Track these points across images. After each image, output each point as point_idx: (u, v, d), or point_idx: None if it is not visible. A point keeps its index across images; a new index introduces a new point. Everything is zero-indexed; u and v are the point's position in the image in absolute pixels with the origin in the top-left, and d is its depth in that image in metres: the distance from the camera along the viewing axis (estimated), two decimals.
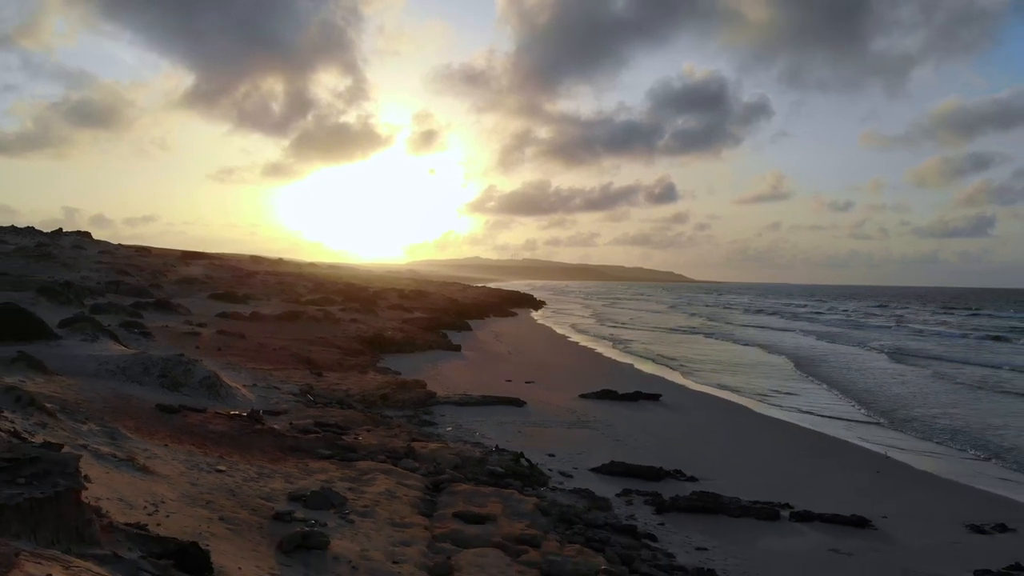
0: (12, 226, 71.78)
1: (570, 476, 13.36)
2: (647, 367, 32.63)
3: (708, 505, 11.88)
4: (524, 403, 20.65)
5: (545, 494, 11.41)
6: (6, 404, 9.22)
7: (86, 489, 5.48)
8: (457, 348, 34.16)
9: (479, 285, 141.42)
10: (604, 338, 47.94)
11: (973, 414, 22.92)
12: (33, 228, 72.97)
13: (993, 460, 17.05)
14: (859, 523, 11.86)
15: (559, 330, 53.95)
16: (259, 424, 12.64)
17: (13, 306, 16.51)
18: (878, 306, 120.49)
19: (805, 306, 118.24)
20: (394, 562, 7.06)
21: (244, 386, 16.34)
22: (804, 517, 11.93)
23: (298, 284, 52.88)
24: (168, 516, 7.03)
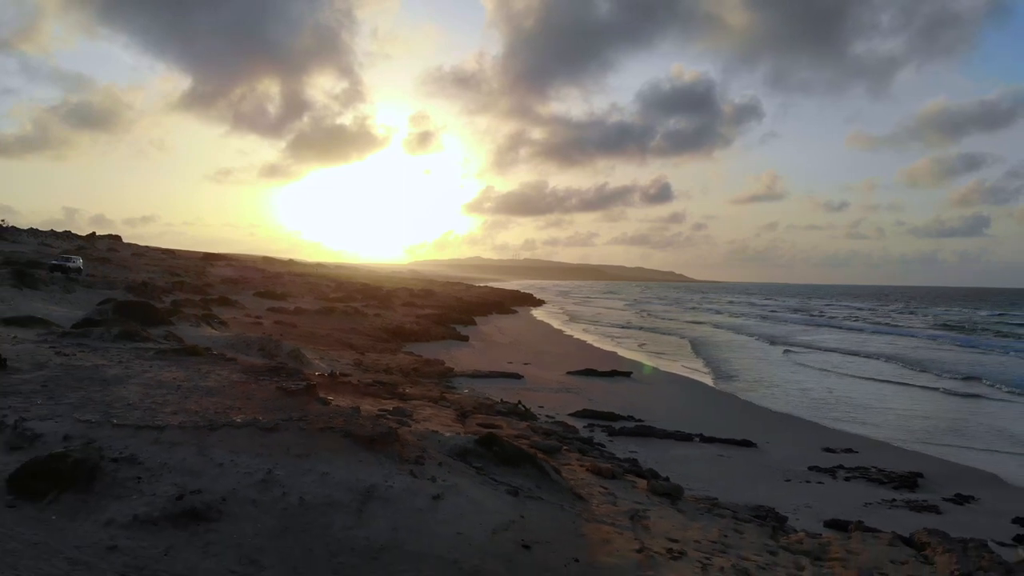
0: (52, 230, 77.64)
1: (552, 417, 19.10)
2: (624, 353, 38.55)
3: (643, 432, 17.66)
4: (522, 377, 26.41)
5: (534, 422, 17.14)
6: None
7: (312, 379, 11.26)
8: (465, 339, 39.94)
9: (481, 285, 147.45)
10: (592, 333, 53.79)
11: (795, 385, 29.36)
12: (70, 232, 78.83)
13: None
14: (746, 444, 17.63)
15: (556, 325, 59.76)
16: (339, 379, 18.36)
17: (145, 301, 22.23)
18: (829, 303, 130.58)
19: (754, 304, 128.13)
20: (447, 434, 12.80)
21: (314, 359, 22.09)
22: (709, 440, 17.69)
23: (321, 284, 58.78)
24: None
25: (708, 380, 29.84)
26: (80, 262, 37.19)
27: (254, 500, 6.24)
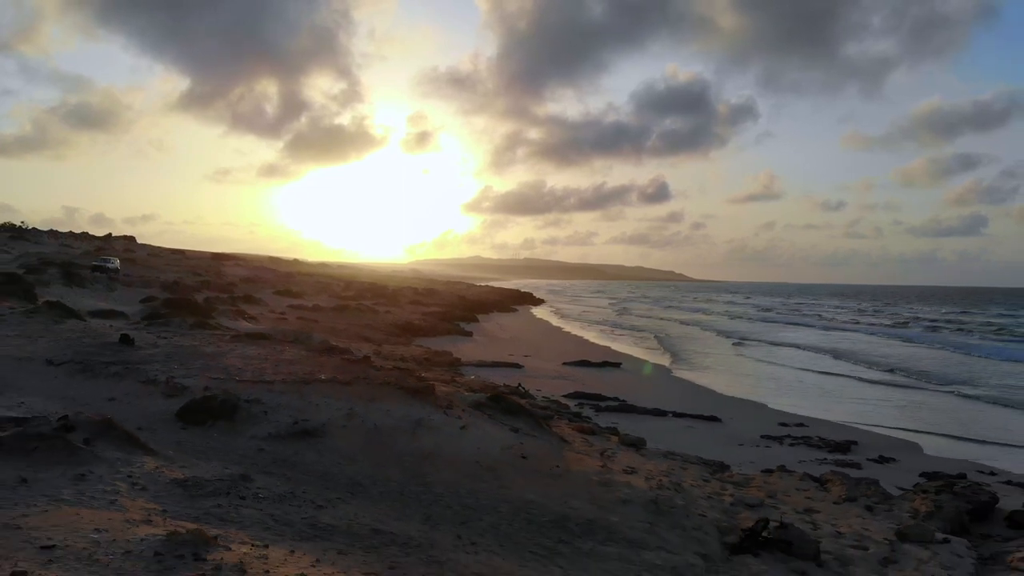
0: (70, 232, 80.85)
1: (548, 398, 22.24)
2: (618, 347, 41.76)
3: (625, 409, 20.83)
4: (522, 366, 29.58)
5: (532, 401, 20.30)
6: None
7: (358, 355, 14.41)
8: (469, 334, 43.10)
9: (482, 284, 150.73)
10: (589, 330, 57.03)
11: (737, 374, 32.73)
12: (87, 233, 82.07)
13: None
14: (712, 419, 20.78)
15: (554, 322, 62.93)
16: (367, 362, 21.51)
17: (189, 298, 25.37)
18: (810, 302, 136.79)
19: (733, 303, 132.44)
20: (465, 394, 15.95)
21: None
22: (680, 415, 20.84)
23: (331, 283, 61.99)
24: None
25: (671, 369, 33.21)
26: (117, 263, 40.37)
27: (344, 425, 9.41)
